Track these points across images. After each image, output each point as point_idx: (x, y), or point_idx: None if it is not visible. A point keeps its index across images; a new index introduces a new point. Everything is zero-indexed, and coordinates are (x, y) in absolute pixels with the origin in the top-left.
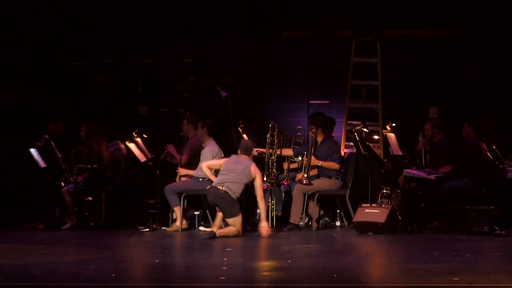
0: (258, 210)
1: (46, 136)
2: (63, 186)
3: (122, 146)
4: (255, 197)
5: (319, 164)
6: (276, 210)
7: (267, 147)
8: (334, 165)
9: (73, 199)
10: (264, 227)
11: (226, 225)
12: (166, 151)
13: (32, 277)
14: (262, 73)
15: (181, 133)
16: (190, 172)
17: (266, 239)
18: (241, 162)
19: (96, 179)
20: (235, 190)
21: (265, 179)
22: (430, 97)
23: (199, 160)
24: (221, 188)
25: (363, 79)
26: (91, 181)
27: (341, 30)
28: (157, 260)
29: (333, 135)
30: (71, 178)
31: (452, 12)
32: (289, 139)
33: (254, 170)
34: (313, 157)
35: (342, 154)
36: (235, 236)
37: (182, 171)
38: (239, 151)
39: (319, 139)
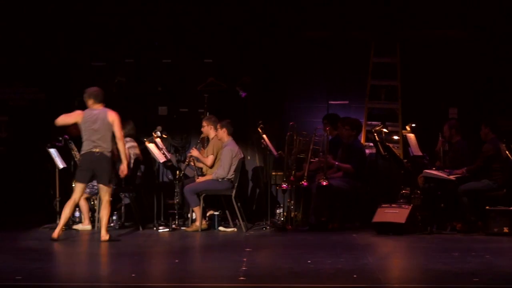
0: (278, 211)
1: (66, 136)
2: None
3: (135, 144)
4: (275, 198)
5: (335, 165)
6: (295, 211)
7: (286, 148)
8: (350, 168)
9: (88, 203)
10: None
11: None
12: (190, 156)
13: (52, 277)
14: (282, 74)
15: (202, 135)
16: (201, 157)
17: (286, 240)
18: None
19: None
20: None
21: (284, 179)
22: (450, 98)
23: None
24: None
25: (382, 79)
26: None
27: (361, 30)
28: (176, 260)
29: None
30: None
31: (472, 13)
32: (309, 140)
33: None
34: (329, 157)
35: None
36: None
37: (195, 151)
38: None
39: (349, 140)
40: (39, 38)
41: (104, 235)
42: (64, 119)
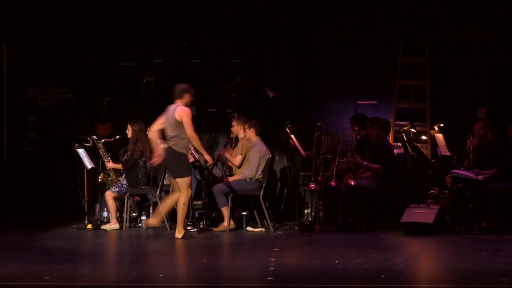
0: (306, 211)
1: (94, 136)
2: (107, 189)
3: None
4: (303, 198)
5: (364, 165)
6: (323, 211)
7: (314, 148)
8: (378, 168)
9: (116, 203)
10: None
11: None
12: (219, 156)
13: (79, 277)
14: (310, 74)
15: (231, 135)
16: (230, 157)
17: (314, 240)
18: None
19: (141, 178)
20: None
21: (312, 179)
22: (479, 98)
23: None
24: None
25: (411, 79)
26: (136, 181)
27: (389, 30)
28: (204, 260)
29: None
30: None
31: (501, 12)
32: (337, 140)
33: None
34: (357, 157)
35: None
36: None
37: (224, 152)
38: None
39: (377, 140)
40: (68, 38)
41: (179, 232)
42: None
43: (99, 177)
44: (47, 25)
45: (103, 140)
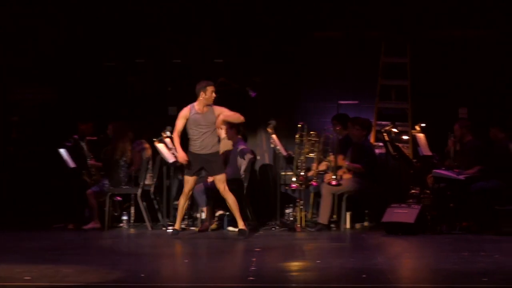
0: (287, 211)
1: (75, 136)
2: (89, 188)
3: (147, 145)
4: (284, 198)
5: (345, 165)
6: (305, 211)
7: (295, 148)
8: (360, 168)
9: (97, 202)
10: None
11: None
12: None
13: (63, 277)
14: (292, 73)
15: None
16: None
17: (295, 240)
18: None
19: (122, 178)
20: None
21: (294, 179)
22: (460, 98)
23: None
24: None
25: (392, 79)
26: (118, 181)
27: (371, 30)
28: (186, 261)
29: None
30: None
31: (482, 13)
32: (319, 140)
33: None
34: (340, 157)
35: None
36: None
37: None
38: None
39: (359, 140)
40: (51, 38)
41: (242, 225)
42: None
43: (82, 176)
44: (30, 25)
45: (87, 138)
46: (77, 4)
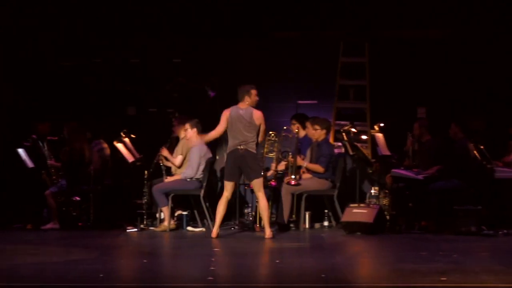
0: (246, 211)
1: (34, 136)
2: (47, 188)
3: (105, 145)
4: (243, 198)
5: (304, 165)
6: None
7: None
8: (319, 168)
9: (56, 202)
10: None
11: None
12: (159, 155)
13: (20, 278)
14: (251, 73)
15: (172, 134)
16: (170, 157)
17: (254, 239)
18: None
19: (81, 179)
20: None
21: None
22: (418, 98)
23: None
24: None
25: (351, 79)
26: (76, 181)
27: (329, 30)
28: (145, 261)
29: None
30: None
31: (441, 13)
32: (277, 140)
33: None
34: (298, 157)
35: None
36: None
37: (164, 151)
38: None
39: (318, 140)
40: (8, 36)
41: (269, 233)
42: (218, 130)
43: (42, 176)
44: None
45: (48, 138)
46: (34, 2)
